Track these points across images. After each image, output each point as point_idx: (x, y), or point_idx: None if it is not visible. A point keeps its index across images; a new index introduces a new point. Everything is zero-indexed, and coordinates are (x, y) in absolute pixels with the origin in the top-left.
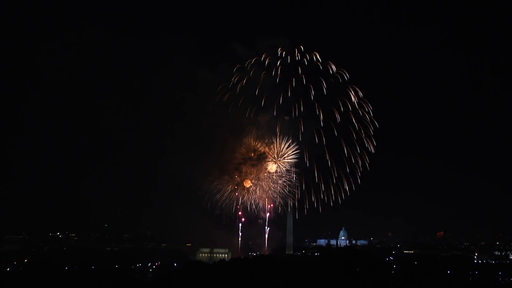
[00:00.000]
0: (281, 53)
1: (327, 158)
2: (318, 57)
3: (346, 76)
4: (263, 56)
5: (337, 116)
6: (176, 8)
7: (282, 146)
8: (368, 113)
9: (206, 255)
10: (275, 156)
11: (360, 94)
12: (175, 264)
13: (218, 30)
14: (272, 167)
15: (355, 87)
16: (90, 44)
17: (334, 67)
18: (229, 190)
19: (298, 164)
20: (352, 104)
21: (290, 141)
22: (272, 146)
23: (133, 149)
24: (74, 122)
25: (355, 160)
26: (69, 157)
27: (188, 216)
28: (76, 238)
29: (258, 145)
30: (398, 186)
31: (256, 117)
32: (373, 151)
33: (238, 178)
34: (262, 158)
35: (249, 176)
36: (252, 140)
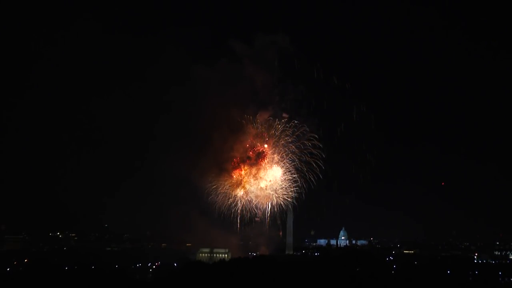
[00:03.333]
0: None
1: (326, 172)
2: (320, 67)
3: (349, 86)
4: (262, 55)
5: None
6: (172, 3)
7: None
8: (370, 125)
9: (206, 255)
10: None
11: (363, 107)
12: (175, 264)
13: (216, 26)
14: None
15: (358, 101)
16: (83, 40)
17: (335, 80)
18: (228, 189)
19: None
20: (354, 118)
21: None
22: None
23: (129, 147)
24: (67, 120)
25: (356, 174)
26: (64, 156)
27: (188, 216)
28: (76, 238)
29: (257, 144)
30: (398, 185)
31: (255, 115)
32: (373, 164)
33: (237, 176)
34: (260, 157)
35: (247, 176)
36: (250, 138)
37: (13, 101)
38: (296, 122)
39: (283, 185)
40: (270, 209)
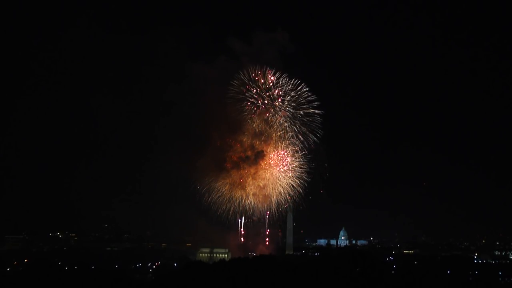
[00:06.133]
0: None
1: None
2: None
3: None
4: (261, 52)
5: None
6: (170, 1)
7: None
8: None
9: (206, 255)
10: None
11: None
12: (175, 264)
13: (214, 23)
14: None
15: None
16: (82, 40)
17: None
18: (228, 188)
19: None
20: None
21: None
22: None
23: (129, 148)
24: (65, 121)
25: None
26: (64, 156)
27: (187, 215)
28: (76, 238)
29: (256, 143)
30: (398, 185)
31: (254, 114)
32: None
33: (236, 176)
34: (260, 157)
35: (246, 176)
36: (249, 138)
37: (14, 102)
38: (295, 121)
39: (282, 185)
40: (270, 208)
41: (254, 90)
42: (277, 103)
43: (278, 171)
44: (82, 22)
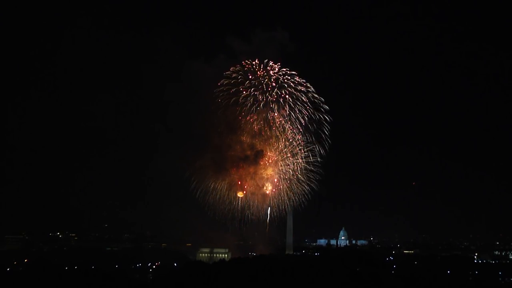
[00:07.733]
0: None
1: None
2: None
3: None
4: (261, 51)
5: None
6: (169, 0)
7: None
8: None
9: (206, 255)
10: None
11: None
12: (175, 264)
13: (214, 22)
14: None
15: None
16: (79, 40)
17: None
18: (227, 188)
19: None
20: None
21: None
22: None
23: (126, 146)
24: (65, 121)
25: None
26: (64, 156)
27: (187, 215)
28: (76, 238)
29: (256, 143)
30: (398, 186)
31: (253, 113)
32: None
33: (236, 176)
34: (259, 156)
35: (245, 176)
36: (249, 137)
37: (14, 102)
38: (295, 120)
39: (282, 185)
40: (269, 208)
41: (253, 89)
42: (275, 105)
43: (278, 171)
44: (82, 22)
